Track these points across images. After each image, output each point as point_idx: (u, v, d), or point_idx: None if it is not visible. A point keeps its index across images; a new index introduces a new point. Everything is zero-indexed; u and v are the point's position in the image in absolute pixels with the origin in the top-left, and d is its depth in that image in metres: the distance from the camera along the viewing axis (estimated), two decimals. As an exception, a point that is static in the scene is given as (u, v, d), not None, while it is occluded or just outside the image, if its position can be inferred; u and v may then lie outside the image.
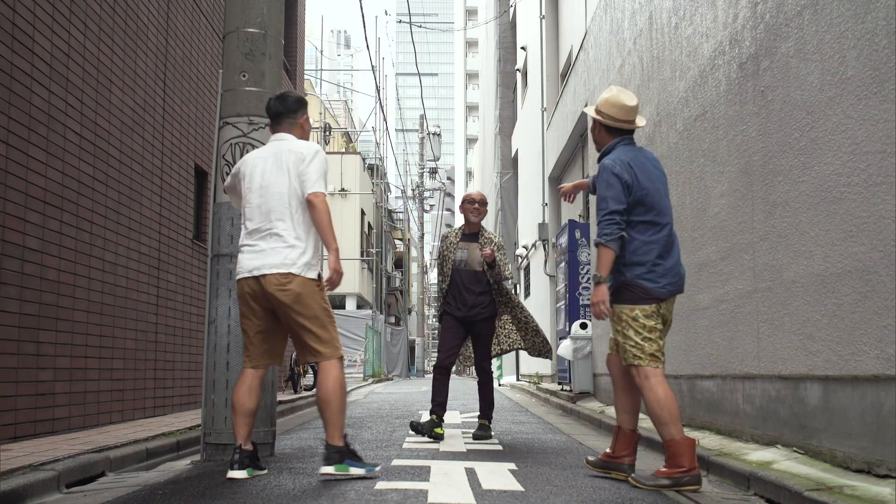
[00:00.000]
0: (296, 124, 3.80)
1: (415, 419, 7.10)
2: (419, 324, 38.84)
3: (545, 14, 15.25)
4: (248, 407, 3.60)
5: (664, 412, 3.45)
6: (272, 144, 3.75)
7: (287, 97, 3.84)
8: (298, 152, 3.63)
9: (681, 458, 3.41)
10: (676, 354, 6.04)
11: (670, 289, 3.61)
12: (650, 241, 3.59)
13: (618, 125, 3.76)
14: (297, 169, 3.59)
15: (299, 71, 13.53)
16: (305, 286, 3.53)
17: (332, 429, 3.53)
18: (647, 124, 6.99)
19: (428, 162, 34.39)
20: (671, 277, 3.61)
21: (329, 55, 66.45)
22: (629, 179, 3.59)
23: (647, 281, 3.57)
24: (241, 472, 3.51)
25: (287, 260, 3.52)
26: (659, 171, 3.76)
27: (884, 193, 3.29)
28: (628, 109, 3.74)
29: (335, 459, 3.50)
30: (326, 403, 3.53)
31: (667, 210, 3.70)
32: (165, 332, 7.09)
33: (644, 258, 3.58)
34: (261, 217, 3.61)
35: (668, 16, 6.41)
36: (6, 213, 4.58)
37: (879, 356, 3.30)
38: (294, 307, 3.52)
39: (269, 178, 3.62)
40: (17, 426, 4.67)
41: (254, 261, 3.57)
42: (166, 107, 7.18)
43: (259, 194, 3.63)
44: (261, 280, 3.54)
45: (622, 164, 3.62)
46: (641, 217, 3.61)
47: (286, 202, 3.58)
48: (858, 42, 3.51)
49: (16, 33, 4.72)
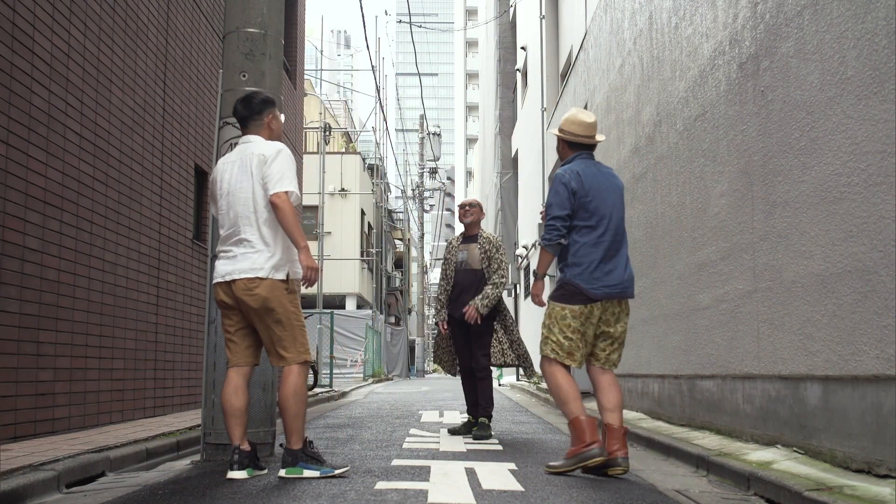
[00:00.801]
0: (262, 125, 3.79)
1: (414, 419, 7.11)
2: (419, 324, 38.84)
3: (545, 14, 15.25)
4: (236, 406, 3.63)
5: (561, 393, 3.82)
6: (239, 148, 3.77)
7: (251, 99, 3.81)
8: (260, 154, 3.63)
9: (583, 435, 3.68)
10: (676, 354, 6.04)
11: (606, 291, 3.83)
12: (590, 245, 3.85)
13: (578, 140, 4.07)
14: (261, 171, 3.60)
15: (299, 71, 13.53)
16: (273, 290, 3.57)
17: (287, 433, 3.61)
18: (647, 124, 6.99)
19: (428, 162, 34.40)
20: (608, 281, 3.84)
21: (329, 55, 66.47)
22: (576, 187, 3.88)
23: (583, 281, 3.82)
24: (240, 472, 3.54)
25: (255, 265, 3.57)
26: (612, 183, 4.01)
27: (884, 193, 3.29)
28: (586, 126, 4.06)
29: (288, 462, 3.58)
30: (283, 409, 3.60)
31: (611, 218, 3.92)
32: (165, 332, 7.09)
33: (583, 260, 3.84)
34: (230, 223, 3.66)
35: (668, 16, 6.41)
36: (6, 213, 4.58)
37: (879, 356, 3.30)
38: (261, 311, 3.58)
39: (234, 183, 3.66)
40: (17, 426, 4.67)
41: (226, 266, 3.65)
42: (166, 107, 7.18)
43: (227, 200, 3.67)
44: (231, 285, 3.61)
45: (571, 173, 3.93)
46: (585, 222, 3.88)
47: (251, 207, 3.61)
48: (858, 42, 3.51)
49: (16, 33, 4.72)
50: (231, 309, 3.69)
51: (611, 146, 8.53)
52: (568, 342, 3.83)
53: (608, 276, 3.83)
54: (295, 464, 3.57)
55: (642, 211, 7.14)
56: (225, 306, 3.70)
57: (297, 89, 13.44)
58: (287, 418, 3.59)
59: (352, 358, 21.56)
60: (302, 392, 3.63)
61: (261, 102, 3.80)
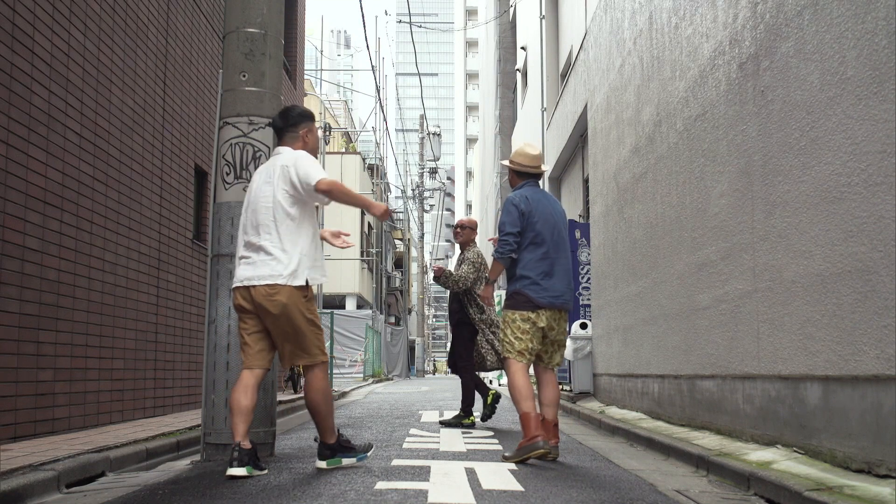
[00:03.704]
0: (297, 137, 3.92)
1: (414, 419, 7.12)
2: (419, 324, 38.84)
3: (545, 14, 15.25)
4: (243, 405, 3.71)
5: (517, 392, 4.37)
6: (270, 160, 3.94)
7: (290, 112, 3.97)
8: (283, 165, 3.77)
9: (528, 429, 4.24)
10: (676, 354, 6.04)
11: (550, 300, 4.44)
12: (536, 261, 4.48)
13: (524, 170, 4.71)
14: (284, 177, 3.74)
15: (299, 71, 13.54)
16: (292, 296, 3.71)
17: (321, 431, 3.89)
18: (647, 124, 6.99)
19: (428, 162, 34.39)
20: (552, 293, 4.46)
21: (329, 55, 66.40)
22: (525, 209, 4.50)
23: (530, 291, 4.45)
24: (240, 469, 3.56)
25: (274, 272, 3.70)
26: (553, 210, 4.64)
27: (884, 193, 3.29)
28: (532, 157, 4.70)
29: (327, 455, 3.86)
30: (315, 411, 3.86)
31: (551, 239, 4.54)
32: (165, 332, 7.09)
33: (530, 273, 4.47)
34: (252, 230, 3.80)
35: (668, 16, 6.41)
36: (6, 213, 4.58)
37: (879, 356, 3.30)
38: (280, 317, 3.71)
39: (257, 192, 3.82)
40: (17, 426, 4.67)
41: (246, 271, 3.78)
42: (166, 107, 7.18)
43: (252, 209, 3.83)
44: (251, 290, 3.73)
45: (520, 197, 4.57)
46: (530, 241, 4.51)
47: (271, 215, 3.75)
48: (858, 42, 3.51)
49: (16, 33, 4.72)
50: (248, 313, 3.80)
51: (611, 146, 8.53)
52: (518, 342, 4.43)
53: (551, 287, 4.46)
54: (333, 455, 3.87)
55: (642, 211, 7.14)
56: (242, 310, 3.81)
57: (297, 89, 13.44)
58: (319, 419, 3.85)
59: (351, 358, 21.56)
60: (328, 392, 3.89)
61: (298, 115, 3.95)
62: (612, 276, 8.39)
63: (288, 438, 5.57)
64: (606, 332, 8.58)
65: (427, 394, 12.87)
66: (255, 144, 4.54)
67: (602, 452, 4.93)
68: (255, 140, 4.55)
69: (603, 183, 8.96)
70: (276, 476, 3.64)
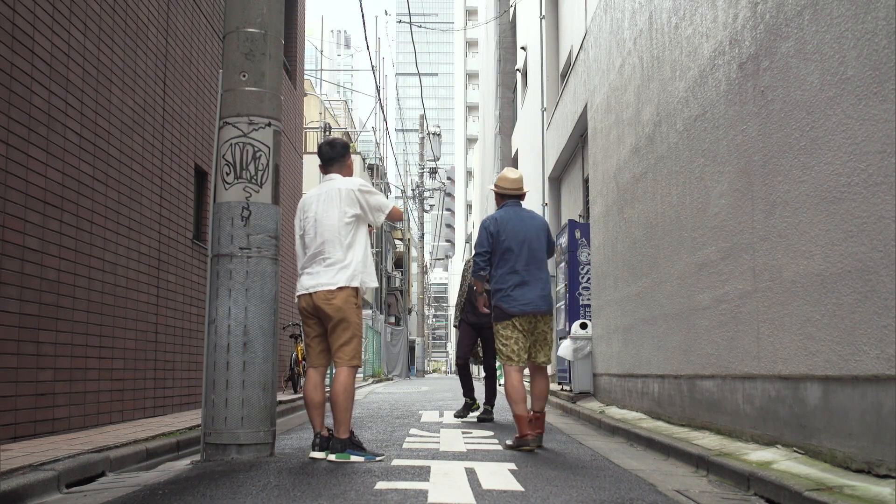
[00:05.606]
0: (344, 165, 4.66)
1: (414, 419, 7.12)
2: (419, 324, 38.84)
3: (545, 14, 15.25)
4: (316, 400, 4.38)
5: (512, 394, 4.89)
6: (324, 184, 4.56)
7: (336, 144, 4.70)
8: (348, 189, 4.44)
9: (521, 429, 4.83)
10: (676, 354, 6.04)
11: (522, 308, 4.94)
12: (506, 275, 4.99)
13: (505, 192, 5.29)
14: (351, 200, 4.40)
15: (299, 71, 13.54)
16: (346, 301, 4.31)
17: (336, 424, 4.28)
18: (647, 124, 6.99)
19: (428, 162, 34.39)
20: (522, 301, 4.94)
21: (329, 55, 66.38)
22: (493, 230, 5.07)
23: (503, 302, 4.98)
24: (320, 452, 4.23)
25: (334, 279, 4.32)
26: (528, 225, 5.09)
27: (884, 193, 3.29)
28: (511, 181, 5.28)
29: (337, 448, 4.22)
30: (334, 403, 4.30)
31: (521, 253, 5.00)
32: (165, 332, 7.09)
33: (502, 286, 5.00)
34: (316, 245, 4.40)
35: (668, 16, 6.41)
36: (6, 213, 4.58)
37: (879, 356, 3.30)
38: (335, 319, 4.30)
39: (321, 213, 4.43)
40: (17, 426, 4.67)
41: (309, 280, 4.39)
42: (166, 107, 7.18)
43: (315, 228, 4.43)
44: (313, 295, 4.34)
45: (491, 219, 5.13)
46: (501, 257, 5.04)
47: (336, 231, 4.37)
48: (858, 42, 3.51)
49: (16, 33, 4.72)
50: (310, 317, 4.43)
51: (611, 146, 8.53)
52: (505, 348, 4.99)
53: (522, 297, 4.93)
54: (344, 450, 4.22)
55: (642, 211, 7.14)
56: (305, 315, 4.44)
57: (297, 89, 13.45)
58: (337, 412, 4.27)
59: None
60: (351, 390, 4.33)
61: (343, 147, 4.72)
62: (612, 275, 8.39)
63: (288, 438, 5.57)
64: (606, 332, 8.57)
65: (427, 394, 12.87)
66: (255, 144, 4.54)
67: (602, 452, 4.93)
68: (255, 140, 4.55)
69: (603, 183, 8.96)
70: (276, 476, 3.64)
